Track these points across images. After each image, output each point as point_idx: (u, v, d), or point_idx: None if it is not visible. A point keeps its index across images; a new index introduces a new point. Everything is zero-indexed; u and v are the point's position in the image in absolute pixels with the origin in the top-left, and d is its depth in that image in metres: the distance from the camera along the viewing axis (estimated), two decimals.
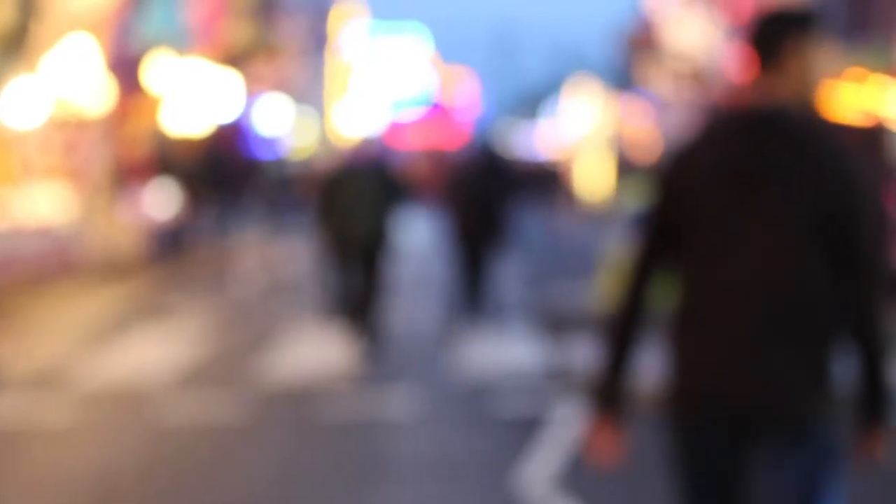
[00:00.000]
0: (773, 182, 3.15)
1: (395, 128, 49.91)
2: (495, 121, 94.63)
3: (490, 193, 13.96)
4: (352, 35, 47.61)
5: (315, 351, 12.30)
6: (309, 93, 36.95)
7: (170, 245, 20.65)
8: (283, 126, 34.55)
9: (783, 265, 3.15)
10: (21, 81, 14.10)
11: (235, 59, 22.33)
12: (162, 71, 15.34)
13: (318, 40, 35.39)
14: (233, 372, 11.23)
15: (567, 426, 8.68)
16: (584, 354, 8.15)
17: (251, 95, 25.27)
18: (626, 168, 39.74)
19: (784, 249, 3.16)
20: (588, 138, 47.14)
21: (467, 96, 63.61)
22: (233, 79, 25.07)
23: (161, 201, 21.75)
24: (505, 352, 12.20)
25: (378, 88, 50.94)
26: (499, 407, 9.62)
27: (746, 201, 3.17)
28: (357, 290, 12.21)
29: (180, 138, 21.40)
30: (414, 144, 48.69)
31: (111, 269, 18.32)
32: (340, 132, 40.42)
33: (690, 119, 31.52)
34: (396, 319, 13.84)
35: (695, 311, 3.26)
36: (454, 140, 47.96)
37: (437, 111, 54.62)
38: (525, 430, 8.85)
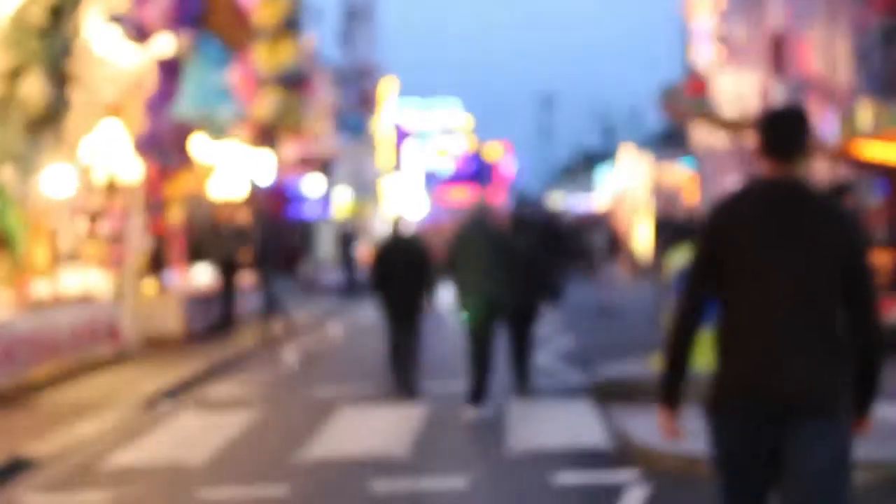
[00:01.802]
0: (802, 237, 4.41)
1: (439, 197, 49.89)
2: (537, 190, 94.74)
3: (533, 253, 13.52)
4: (391, 109, 47.70)
5: (368, 426, 11.85)
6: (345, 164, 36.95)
7: (215, 317, 20.21)
8: (322, 190, 34.55)
9: (811, 296, 4.39)
10: (54, 159, 13.77)
11: (270, 128, 22.12)
12: (200, 143, 14.96)
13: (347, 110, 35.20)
14: (278, 449, 10.73)
15: (633, 495, 8.35)
16: (645, 425, 7.67)
17: (288, 166, 24.99)
18: (669, 228, 39.50)
19: (811, 284, 4.40)
20: (633, 200, 47.46)
21: (507, 168, 63.88)
22: (269, 147, 24.98)
23: (203, 272, 21.45)
24: (561, 421, 11.73)
25: (418, 161, 50.96)
26: (559, 478, 9.15)
27: (782, 249, 4.42)
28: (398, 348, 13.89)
29: (222, 205, 21.07)
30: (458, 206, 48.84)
31: (151, 345, 17.93)
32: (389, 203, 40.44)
33: (737, 170, 31.52)
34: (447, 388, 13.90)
35: (742, 330, 4.45)
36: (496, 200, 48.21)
37: (479, 176, 54.64)
38: (587, 500, 8.58)
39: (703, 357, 4.85)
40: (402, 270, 13.86)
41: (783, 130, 4.55)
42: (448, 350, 16.86)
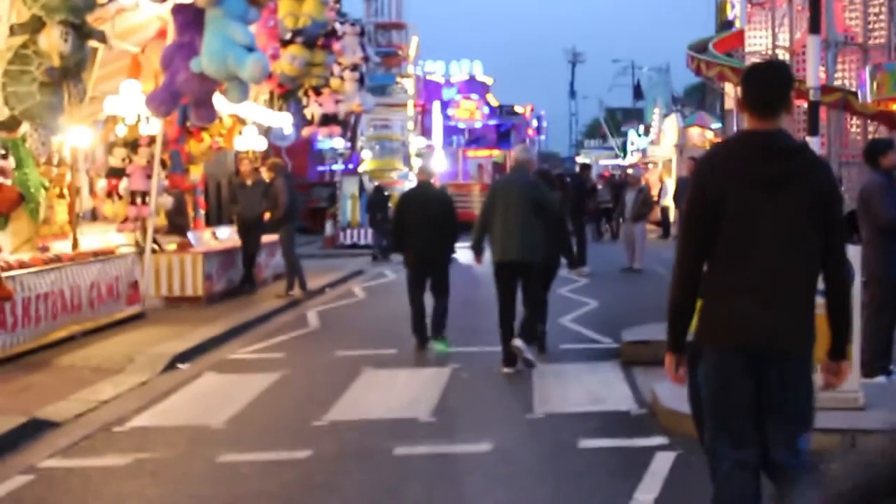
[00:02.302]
0: (787, 185, 4.77)
1: (462, 155, 49.60)
2: (565, 149, 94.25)
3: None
4: (416, 68, 47.40)
5: (392, 388, 11.65)
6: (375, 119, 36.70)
7: (236, 277, 20.02)
8: (347, 148, 34.34)
9: (797, 240, 4.79)
10: (75, 115, 13.52)
11: (295, 84, 21.82)
12: (222, 98, 14.68)
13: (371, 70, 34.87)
14: (300, 412, 10.56)
15: (659, 459, 8.26)
16: (671, 388, 7.50)
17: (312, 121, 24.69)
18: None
19: (797, 229, 4.79)
20: (661, 159, 47.12)
21: (532, 127, 63.49)
22: (294, 104, 24.73)
23: (225, 231, 21.26)
24: (587, 385, 11.54)
25: (442, 120, 50.64)
26: (585, 441, 9.02)
27: (770, 195, 4.75)
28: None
29: (244, 162, 20.79)
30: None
31: (172, 305, 17.76)
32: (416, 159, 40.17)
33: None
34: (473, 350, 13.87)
35: (732, 274, 4.84)
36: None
37: (503, 135, 54.33)
38: (616, 461, 8.45)
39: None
40: (427, 221, 13.86)
41: (766, 86, 4.94)
42: (474, 312, 16.63)
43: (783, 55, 31.90)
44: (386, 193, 31.55)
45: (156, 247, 17.76)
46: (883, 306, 10.39)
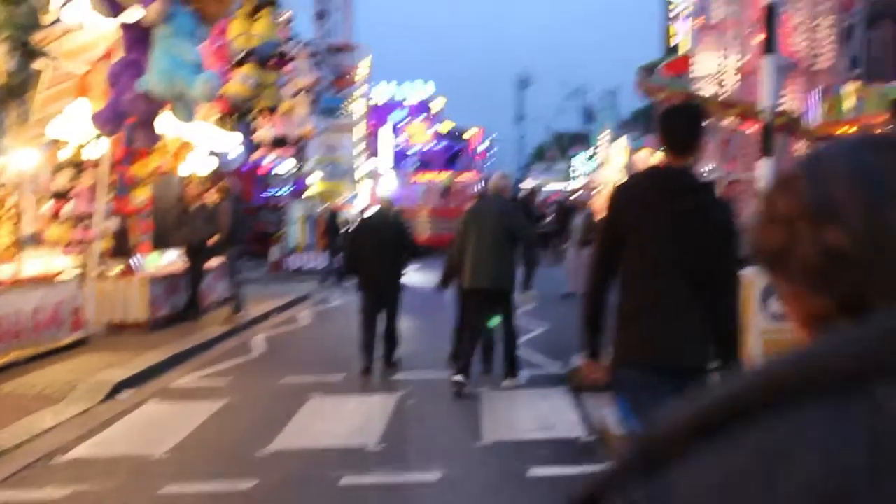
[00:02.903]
0: (689, 220, 5.20)
1: (411, 178, 49.50)
2: (513, 172, 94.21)
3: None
4: (367, 90, 47.29)
5: (339, 416, 11.47)
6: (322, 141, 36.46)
7: (181, 302, 19.75)
8: (296, 171, 34.21)
9: (694, 269, 5.19)
10: (19, 136, 13.29)
11: (245, 106, 21.63)
12: (169, 119, 14.48)
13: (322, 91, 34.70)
14: (245, 440, 10.37)
15: None
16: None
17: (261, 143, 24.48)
18: None
19: (695, 260, 5.20)
20: (609, 180, 47.19)
21: (481, 150, 63.55)
22: (243, 126, 24.52)
23: (171, 255, 20.96)
24: (535, 411, 11.42)
25: (392, 143, 50.56)
26: (533, 469, 8.92)
27: (675, 221, 5.17)
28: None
29: (191, 185, 20.57)
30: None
31: (115, 330, 17.45)
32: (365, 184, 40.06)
33: (714, 152, 31.24)
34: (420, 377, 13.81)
35: (638, 300, 5.27)
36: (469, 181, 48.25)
37: (452, 158, 54.32)
38: (567, 489, 8.09)
39: None
40: (381, 247, 14.01)
41: (680, 127, 5.40)
42: (421, 338, 16.51)
43: (731, 78, 32.11)
44: (341, 218, 31.45)
45: (100, 271, 17.48)
46: None
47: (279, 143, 24.11)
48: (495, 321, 12.98)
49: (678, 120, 5.47)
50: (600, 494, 1.25)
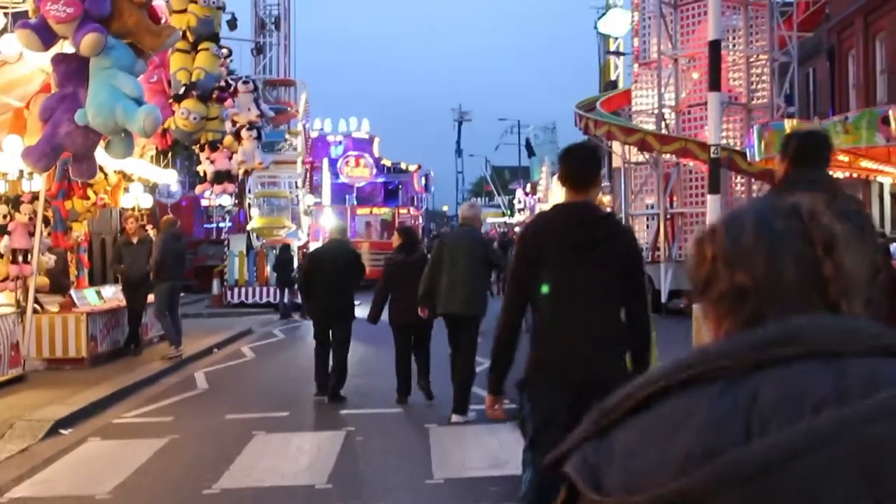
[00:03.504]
0: (594, 250, 5.66)
1: (350, 212, 49.37)
2: (452, 207, 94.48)
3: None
4: (306, 124, 47.16)
5: (285, 453, 11.27)
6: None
7: (121, 338, 19.44)
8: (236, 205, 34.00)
9: (602, 295, 5.61)
10: None
11: (186, 139, 21.34)
12: (108, 153, 14.22)
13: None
14: (189, 480, 10.14)
15: None
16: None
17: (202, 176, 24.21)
18: None
19: (602, 286, 5.66)
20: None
21: (419, 185, 63.50)
22: (183, 159, 24.30)
23: (110, 290, 20.64)
24: (486, 447, 11.24)
25: (330, 177, 50.41)
26: (485, 503, 8.86)
27: (582, 254, 5.65)
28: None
29: (130, 219, 20.29)
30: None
31: (54, 367, 17.11)
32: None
33: (653, 187, 31.44)
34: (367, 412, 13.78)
35: (552, 324, 5.68)
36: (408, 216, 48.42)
37: (390, 193, 54.40)
38: None
39: None
40: (334, 277, 14.45)
41: (578, 166, 5.93)
42: (369, 372, 16.34)
43: (669, 114, 32.35)
44: (291, 252, 31.50)
45: (37, 307, 17.14)
46: None
47: (221, 177, 23.80)
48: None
49: (577, 159, 5.97)
50: (565, 456, 1.70)
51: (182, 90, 18.51)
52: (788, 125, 22.51)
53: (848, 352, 1.59)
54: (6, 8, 13.42)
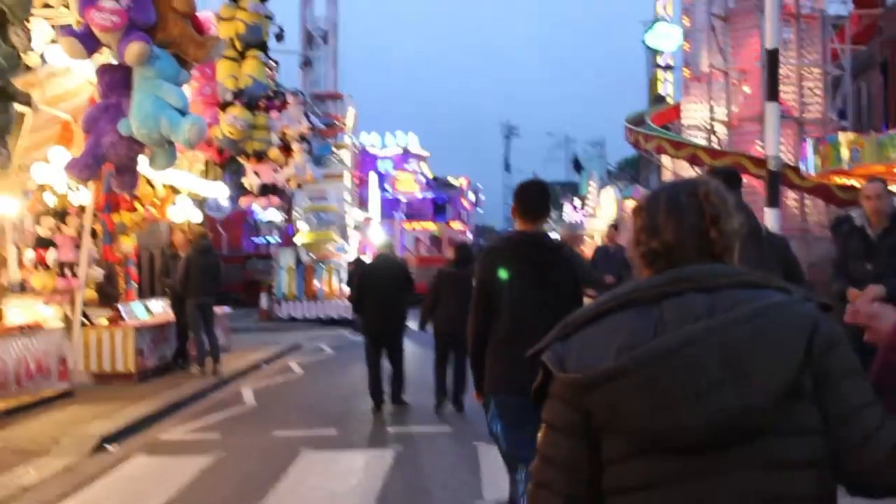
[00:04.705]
0: (544, 273, 6.56)
1: (399, 227, 49.27)
2: (501, 222, 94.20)
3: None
4: (354, 138, 47.10)
5: (333, 471, 11.10)
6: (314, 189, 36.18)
7: (169, 352, 19.35)
8: (284, 218, 33.98)
9: (553, 314, 4.92)
10: (3, 178, 12.95)
11: (232, 149, 21.22)
12: (154, 164, 14.11)
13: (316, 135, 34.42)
14: (235, 498, 10.01)
15: None
16: None
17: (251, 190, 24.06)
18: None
19: (553, 306, 6.22)
20: (598, 229, 47.12)
21: (468, 200, 63.38)
22: (230, 171, 24.21)
23: (158, 304, 20.54)
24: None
25: (379, 192, 50.35)
26: None
27: (533, 277, 6.53)
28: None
29: (177, 233, 20.20)
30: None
31: (101, 381, 17.05)
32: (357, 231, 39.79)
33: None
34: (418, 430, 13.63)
35: (508, 340, 6.39)
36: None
37: (439, 208, 54.24)
38: None
39: None
40: (383, 291, 14.91)
41: (530, 200, 6.74)
42: (413, 391, 16.14)
43: (720, 128, 32.02)
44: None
45: (85, 320, 17.09)
46: None
47: (267, 190, 23.66)
48: None
49: (530, 194, 6.78)
50: (542, 350, 2.69)
51: (229, 97, 18.43)
52: (843, 139, 22.17)
53: (721, 286, 2.51)
54: (52, 19, 13.33)
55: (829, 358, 2.44)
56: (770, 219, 15.12)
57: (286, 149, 24.19)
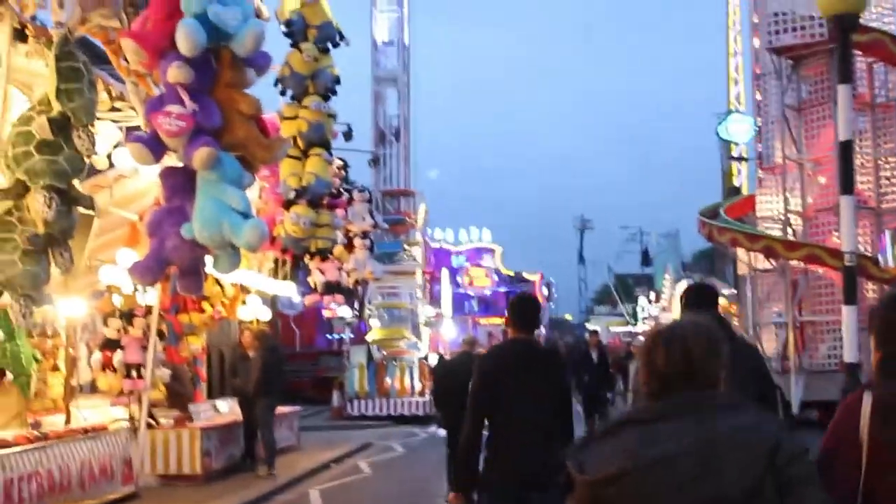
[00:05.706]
0: (537, 378, 7.03)
1: (472, 324, 49.08)
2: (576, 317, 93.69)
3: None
4: (425, 235, 47.20)
5: None
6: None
7: (237, 453, 19.18)
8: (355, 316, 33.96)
9: (546, 414, 6.92)
10: (65, 285, 12.94)
11: (296, 247, 21.14)
12: (219, 266, 14.06)
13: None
14: None
15: None
16: None
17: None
18: None
19: (545, 407, 6.96)
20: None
21: (541, 295, 63.13)
22: (297, 270, 24.21)
23: (225, 404, 20.41)
24: None
25: (451, 289, 50.26)
26: None
27: (529, 380, 6.99)
28: None
29: (245, 332, 20.13)
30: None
31: (168, 483, 16.89)
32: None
33: (780, 295, 30.56)
34: None
35: (507, 438, 6.91)
36: None
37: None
38: None
39: None
40: (462, 388, 14.32)
41: (524, 312, 7.37)
42: None
43: (795, 220, 31.58)
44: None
45: (152, 422, 16.98)
46: None
47: (331, 288, 23.52)
48: None
49: (526, 306, 7.45)
50: (565, 459, 3.41)
51: (292, 195, 18.44)
52: None
53: (703, 409, 3.30)
54: (119, 122, 13.42)
55: (791, 468, 3.21)
56: (847, 316, 14.66)
57: (350, 246, 24.15)
